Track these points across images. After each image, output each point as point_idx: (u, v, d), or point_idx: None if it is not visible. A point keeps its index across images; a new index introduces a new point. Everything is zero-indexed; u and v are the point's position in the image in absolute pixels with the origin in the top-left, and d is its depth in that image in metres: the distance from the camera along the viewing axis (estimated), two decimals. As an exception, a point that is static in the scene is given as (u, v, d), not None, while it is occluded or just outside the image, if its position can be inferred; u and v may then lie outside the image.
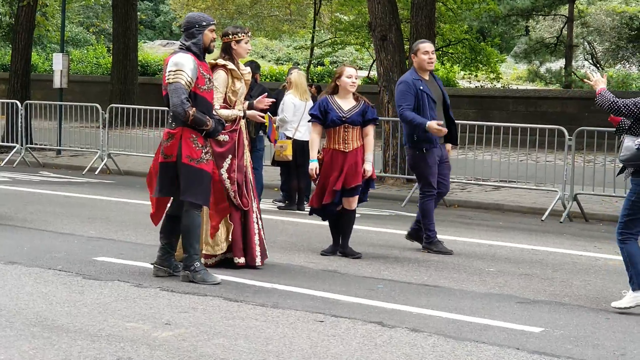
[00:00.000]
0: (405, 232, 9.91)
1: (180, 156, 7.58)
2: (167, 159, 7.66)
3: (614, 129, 7.38)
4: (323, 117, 8.92)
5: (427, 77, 9.48)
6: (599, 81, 7.40)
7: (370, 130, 9.05)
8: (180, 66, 7.55)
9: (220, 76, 8.15)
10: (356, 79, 9.02)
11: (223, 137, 8.07)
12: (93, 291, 7.22)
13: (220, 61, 8.21)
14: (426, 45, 9.47)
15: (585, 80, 7.54)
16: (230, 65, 8.19)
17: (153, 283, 7.57)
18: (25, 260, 8.39)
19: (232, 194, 8.17)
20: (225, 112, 8.12)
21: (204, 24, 7.73)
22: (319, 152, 9.00)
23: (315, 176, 8.93)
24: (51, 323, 6.19)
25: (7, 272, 7.83)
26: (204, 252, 8.19)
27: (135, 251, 9.02)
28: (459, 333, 6.24)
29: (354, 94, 9.01)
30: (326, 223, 9.28)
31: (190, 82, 7.57)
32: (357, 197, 9.04)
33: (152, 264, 8.01)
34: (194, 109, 7.54)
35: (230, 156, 8.14)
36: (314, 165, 8.91)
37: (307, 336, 6.05)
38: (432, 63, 9.49)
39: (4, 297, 6.89)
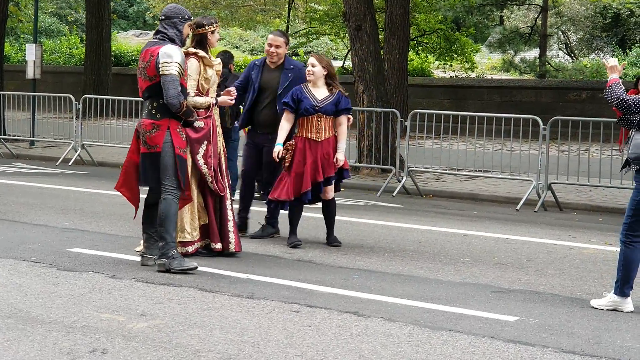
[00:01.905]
0: (382, 223, 9.92)
1: (172, 146, 7.70)
2: (152, 150, 7.73)
3: (617, 119, 7.12)
4: (296, 105, 8.94)
5: (273, 67, 9.27)
6: (614, 68, 6.93)
7: (343, 120, 9.05)
8: (172, 57, 7.64)
9: (192, 64, 8.19)
10: (312, 67, 8.99)
11: (199, 124, 8.13)
12: (67, 282, 7.18)
13: (191, 49, 8.25)
14: (271, 37, 9.29)
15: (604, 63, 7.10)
16: (202, 53, 8.26)
17: (128, 274, 7.54)
18: (-2, 252, 8.33)
19: (209, 179, 8.21)
20: (200, 100, 8.17)
21: (187, 17, 7.91)
22: (290, 139, 9.02)
23: (277, 159, 8.91)
24: (25, 315, 6.15)
25: (-19, 264, 7.78)
26: (179, 239, 8.19)
27: (110, 242, 8.98)
28: (434, 322, 6.26)
29: (327, 83, 9.01)
30: (303, 214, 9.26)
31: (181, 73, 7.70)
32: (332, 186, 9.06)
33: (138, 252, 8.05)
34: (186, 100, 7.73)
35: (205, 142, 8.19)
36: (277, 149, 8.92)
37: (282, 326, 6.05)
38: (273, 54, 9.22)
39: (-23, 289, 6.84)
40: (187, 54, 8.21)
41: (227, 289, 7.12)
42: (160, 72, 7.61)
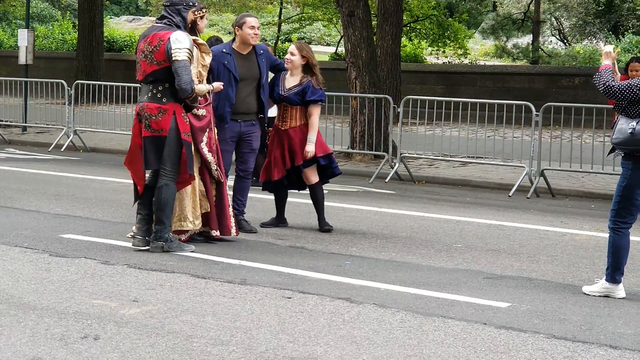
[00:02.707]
0: (375, 209, 9.92)
1: (177, 131, 7.79)
2: (156, 134, 7.81)
3: (613, 106, 7.09)
4: (271, 91, 9.03)
5: (244, 52, 8.93)
6: (608, 54, 6.94)
7: (313, 110, 9.00)
8: (184, 43, 7.71)
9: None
10: (291, 55, 8.96)
11: (201, 112, 8.15)
12: (60, 268, 7.18)
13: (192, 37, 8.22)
14: (252, 20, 8.96)
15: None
16: (200, 40, 8.24)
17: (120, 260, 7.54)
18: (-10, 238, 8.32)
19: (214, 166, 8.23)
20: (202, 87, 8.17)
21: (191, 4, 7.97)
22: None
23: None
24: (18, 301, 6.15)
25: (-28, 250, 7.77)
26: (177, 228, 8.20)
27: (102, 228, 8.97)
28: (426, 309, 6.27)
29: (304, 73, 9.00)
30: (293, 200, 9.27)
31: (191, 59, 7.78)
32: (312, 171, 9.06)
33: (131, 236, 8.07)
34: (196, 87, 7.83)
35: (207, 129, 8.20)
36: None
37: (275, 312, 6.06)
38: (256, 37, 8.94)
39: (-31, 275, 6.83)
40: None
41: (220, 275, 7.12)
42: (173, 58, 7.67)
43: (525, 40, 33.98)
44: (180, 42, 7.71)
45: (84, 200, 10.76)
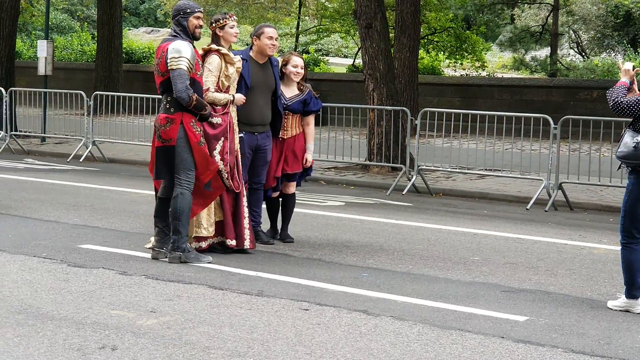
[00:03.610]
0: (392, 221, 9.90)
1: (187, 140, 7.84)
2: (165, 144, 7.90)
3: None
4: None
5: (261, 62, 8.86)
6: (626, 72, 6.91)
7: (311, 120, 9.12)
8: (181, 52, 7.78)
9: (214, 60, 8.24)
10: (301, 69, 9.04)
11: (216, 120, 8.19)
12: (78, 279, 7.20)
13: (214, 46, 8.28)
14: (271, 31, 8.89)
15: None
16: (224, 50, 8.27)
17: (138, 271, 7.56)
18: (9, 247, 8.36)
19: (225, 175, 8.24)
20: (219, 96, 8.20)
21: (188, 11, 8.01)
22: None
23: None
24: (36, 311, 6.17)
25: (-9, 260, 7.80)
26: (195, 234, 8.25)
27: (120, 239, 9.00)
28: (443, 322, 6.26)
29: (299, 83, 9.05)
30: (311, 211, 9.28)
31: (190, 68, 7.81)
32: (294, 182, 9.15)
33: (148, 248, 8.09)
34: (195, 94, 7.81)
35: (222, 138, 8.23)
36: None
37: (292, 324, 6.06)
38: (274, 48, 8.87)
39: (-12, 285, 6.87)
40: (210, 51, 8.28)
41: (237, 286, 7.13)
42: (169, 67, 7.76)
43: (544, 52, 33.93)
44: (177, 52, 7.78)
45: (102, 211, 10.80)
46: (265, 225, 9.30)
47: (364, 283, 7.43)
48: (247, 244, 8.43)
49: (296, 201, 9.40)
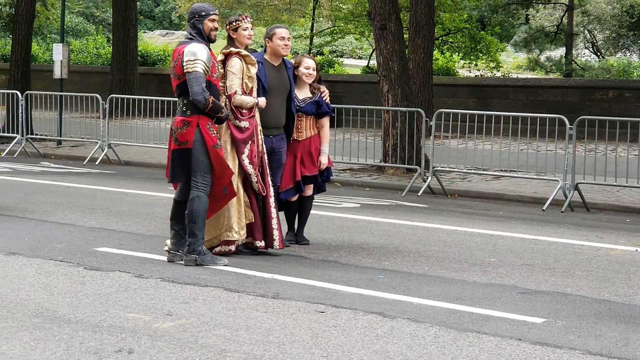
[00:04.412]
0: (407, 223, 9.89)
1: (203, 142, 7.84)
2: (182, 146, 7.92)
3: None
4: None
5: (276, 64, 8.83)
6: None
7: (325, 122, 9.10)
8: (196, 55, 7.80)
9: (236, 63, 8.25)
10: (313, 70, 9.03)
11: (244, 124, 8.22)
12: (94, 282, 7.22)
13: (233, 49, 8.28)
14: (282, 31, 8.87)
15: None
16: (244, 52, 8.29)
17: (154, 273, 7.57)
18: (26, 251, 8.39)
19: (254, 179, 8.27)
20: (246, 99, 8.23)
21: (203, 14, 8.01)
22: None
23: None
24: (52, 314, 6.19)
25: (8, 263, 7.83)
26: (224, 238, 8.28)
27: (136, 242, 9.02)
28: (460, 324, 6.24)
29: (311, 85, 9.05)
30: (326, 213, 9.28)
31: (207, 71, 7.83)
32: (312, 185, 9.12)
33: (167, 251, 8.12)
34: (212, 97, 7.82)
35: (250, 142, 8.25)
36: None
37: (308, 327, 6.05)
38: (286, 48, 8.83)
39: (5, 288, 6.89)
40: (230, 54, 8.29)
41: (253, 289, 7.13)
42: (185, 70, 7.77)
43: (558, 53, 33.81)
44: (192, 54, 7.80)
45: (118, 214, 10.82)
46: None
47: (379, 285, 7.41)
48: (276, 244, 8.45)
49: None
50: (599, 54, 37.69)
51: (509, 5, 30.04)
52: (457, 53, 28.06)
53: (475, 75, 28.49)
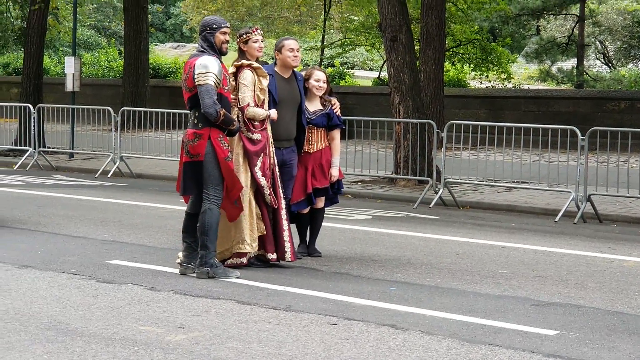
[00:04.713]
0: (419, 234, 9.87)
1: (214, 155, 7.85)
2: (194, 159, 7.93)
3: None
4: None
5: (286, 76, 8.83)
6: None
7: (336, 134, 9.11)
8: (208, 68, 7.82)
9: (247, 75, 8.27)
10: (324, 83, 9.04)
11: (256, 136, 8.24)
12: (106, 294, 7.23)
13: (245, 61, 8.30)
14: (291, 42, 8.86)
15: None
16: (255, 64, 8.31)
17: (166, 286, 7.58)
18: (38, 263, 8.41)
19: (267, 191, 8.28)
20: (259, 111, 8.25)
21: (215, 26, 8.04)
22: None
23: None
24: (65, 327, 6.20)
25: (21, 276, 7.85)
26: (236, 250, 8.29)
27: (148, 254, 9.03)
28: (472, 336, 6.22)
29: (321, 97, 9.05)
30: (338, 225, 9.27)
31: (218, 83, 7.85)
32: (323, 197, 9.13)
33: (179, 263, 8.12)
34: (223, 109, 7.83)
35: (262, 154, 8.27)
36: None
37: (320, 339, 6.04)
38: (296, 60, 8.81)
39: (18, 301, 6.91)
40: (242, 66, 8.31)
41: (265, 301, 7.13)
42: (196, 83, 7.78)
43: (570, 64, 33.75)
44: (204, 67, 7.82)
45: (130, 227, 10.84)
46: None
47: (392, 297, 7.40)
48: (287, 256, 8.46)
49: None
50: (610, 64, 37.63)
51: (519, 16, 30.00)
52: (468, 64, 28.06)
53: (487, 87, 28.48)
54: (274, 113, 8.40)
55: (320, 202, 9.15)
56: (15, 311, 6.60)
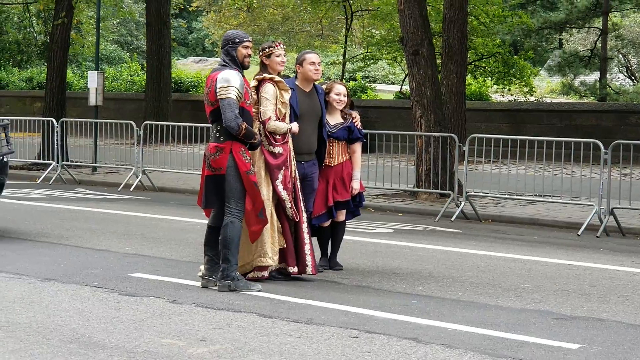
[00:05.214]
0: (441, 248, 9.86)
1: (236, 169, 7.86)
2: (215, 172, 7.95)
3: None
4: None
5: (307, 90, 8.84)
6: None
7: (357, 147, 9.12)
8: (230, 82, 7.84)
9: (269, 89, 8.30)
10: (344, 96, 9.05)
11: (278, 149, 8.25)
12: (129, 307, 7.26)
13: (267, 75, 8.33)
14: (312, 56, 8.88)
15: None
16: (277, 78, 8.34)
17: (188, 299, 7.59)
18: (61, 276, 8.45)
19: (288, 204, 8.29)
20: (280, 124, 8.28)
21: (237, 41, 8.06)
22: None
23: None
24: (87, 340, 6.23)
25: (44, 289, 7.90)
26: (258, 264, 8.30)
27: (170, 267, 9.06)
28: (495, 349, 6.20)
29: (342, 111, 9.06)
30: (359, 239, 9.27)
31: (240, 97, 7.87)
32: (344, 210, 9.13)
33: (200, 276, 8.14)
34: (245, 123, 7.84)
35: (284, 168, 8.28)
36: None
37: (341, 352, 6.04)
38: (317, 73, 8.81)
39: (41, 314, 6.95)
40: (264, 80, 8.34)
41: (286, 314, 7.13)
42: (218, 97, 7.81)
43: (592, 77, 33.63)
44: (225, 81, 7.84)
45: (152, 240, 10.88)
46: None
47: (413, 310, 7.39)
48: (309, 269, 8.45)
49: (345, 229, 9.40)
50: (633, 77, 37.46)
51: (542, 29, 29.96)
52: (490, 78, 28.00)
53: (509, 100, 28.41)
54: (295, 126, 8.42)
55: (342, 215, 9.15)
56: (38, 324, 6.63)
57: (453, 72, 19.04)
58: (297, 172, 8.57)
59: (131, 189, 17.35)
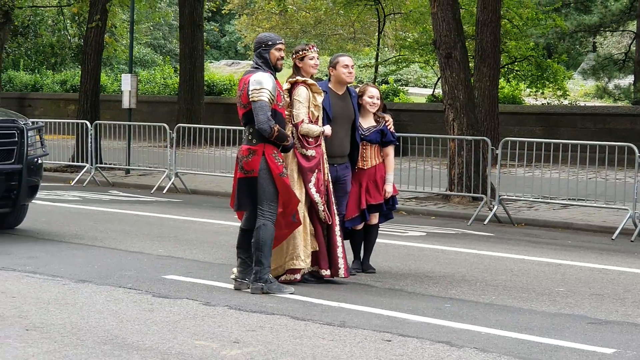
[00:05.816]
0: (474, 251, 9.82)
1: (269, 171, 7.88)
2: (248, 175, 7.97)
3: None
4: None
5: (340, 93, 8.85)
6: None
7: (390, 150, 9.11)
8: (262, 84, 7.87)
9: (302, 92, 8.31)
10: (377, 99, 9.04)
11: (310, 152, 8.26)
12: (162, 309, 7.29)
13: (300, 78, 8.34)
14: (346, 59, 8.87)
15: None
16: (310, 81, 8.35)
17: (221, 301, 7.62)
18: (95, 278, 8.51)
19: (321, 207, 8.30)
20: (313, 127, 8.28)
21: (270, 43, 8.08)
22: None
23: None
24: (121, 341, 6.26)
25: (78, 291, 7.95)
26: (290, 267, 8.32)
27: (204, 269, 9.09)
28: (529, 354, 6.17)
29: (374, 114, 9.05)
30: (392, 242, 9.25)
31: (272, 99, 7.88)
32: (377, 213, 9.12)
33: (233, 279, 8.17)
34: (277, 125, 7.85)
35: (316, 170, 8.29)
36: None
37: (374, 355, 6.03)
38: (350, 76, 8.82)
39: (75, 315, 7.00)
40: (297, 83, 8.35)
41: (319, 317, 7.13)
42: (250, 99, 7.83)
43: (627, 80, 33.34)
44: (258, 83, 7.86)
45: (185, 242, 10.93)
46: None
47: (446, 314, 7.37)
48: (341, 272, 8.45)
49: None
50: (667, 81, 37.09)
51: (575, 32, 29.75)
52: (523, 81, 27.86)
53: (542, 104, 28.24)
54: (328, 129, 8.42)
55: (374, 219, 9.14)
56: (72, 325, 6.68)
57: (486, 75, 18.97)
58: (329, 175, 8.58)
59: (164, 192, 17.43)
